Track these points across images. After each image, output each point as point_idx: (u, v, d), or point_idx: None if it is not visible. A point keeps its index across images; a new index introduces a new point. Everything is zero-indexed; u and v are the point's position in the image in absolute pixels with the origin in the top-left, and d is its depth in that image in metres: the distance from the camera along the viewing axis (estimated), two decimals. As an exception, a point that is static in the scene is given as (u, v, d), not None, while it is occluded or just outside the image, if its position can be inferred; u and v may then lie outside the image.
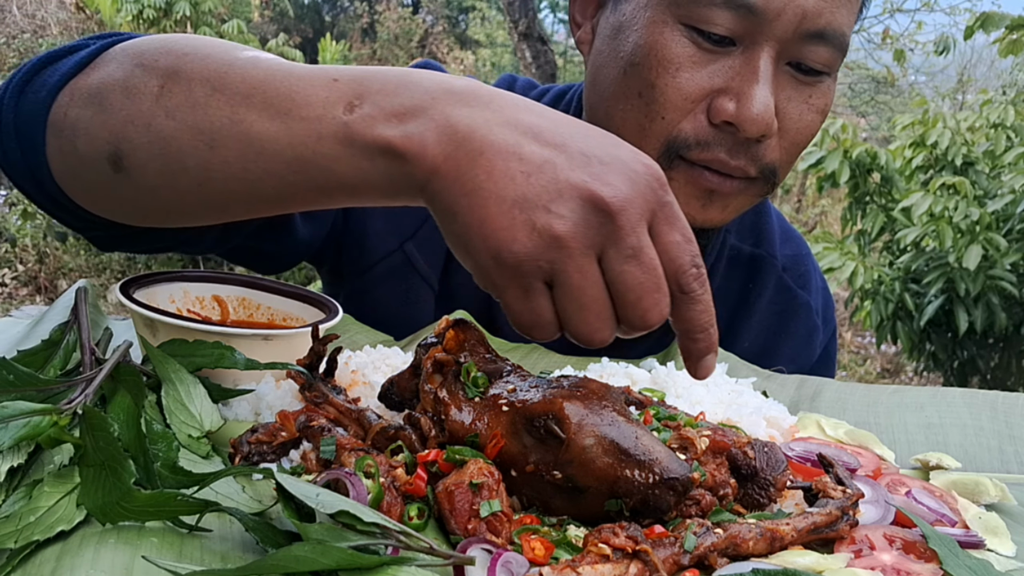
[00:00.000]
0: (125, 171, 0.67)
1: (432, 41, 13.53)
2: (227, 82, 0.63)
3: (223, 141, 0.62)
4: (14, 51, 9.48)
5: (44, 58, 0.75)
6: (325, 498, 0.50)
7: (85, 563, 0.47)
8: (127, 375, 0.62)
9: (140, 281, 0.83)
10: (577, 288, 0.55)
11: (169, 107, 0.64)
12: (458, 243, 0.57)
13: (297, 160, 0.60)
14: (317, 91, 0.61)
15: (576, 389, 0.61)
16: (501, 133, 0.55)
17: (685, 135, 0.90)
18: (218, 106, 0.63)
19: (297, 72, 0.63)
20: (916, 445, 0.81)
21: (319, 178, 0.61)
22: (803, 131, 0.92)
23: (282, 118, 0.61)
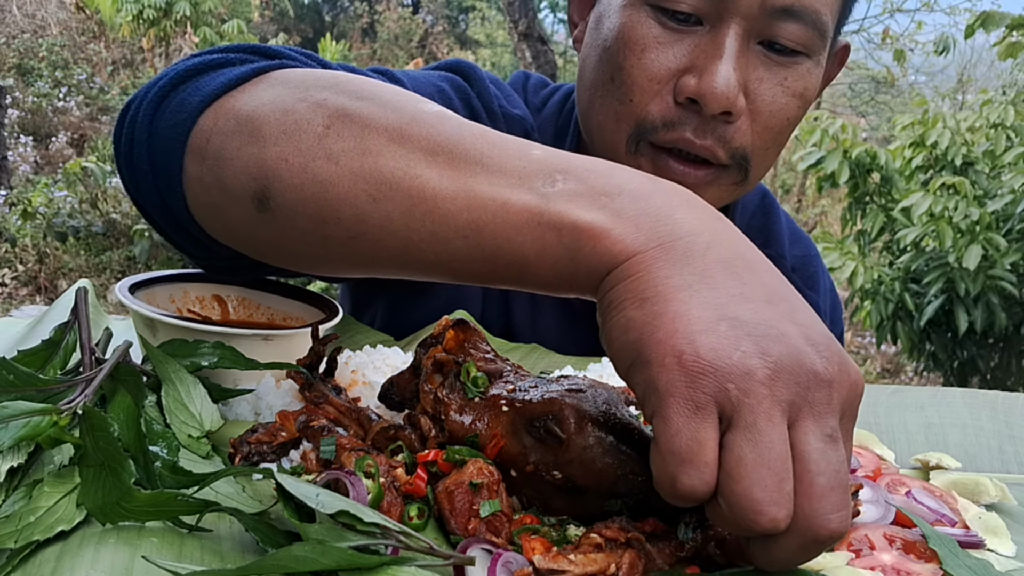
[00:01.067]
0: (271, 212, 0.61)
1: (432, 41, 13.54)
2: (408, 134, 0.57)
3: (389, 195, 0.56)
4: (14, 51, 9.49)
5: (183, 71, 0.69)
6: (325, 498, 0.50)
7: (85, 563, 0.47)
8: (127, 375, 0.62)
9: (140, 281, 0.84)
10: (766, 436, 0.43)
11: (333, 150, 0.58)
12: (630, 332, 0.48)
13: (471, 225, 0.54)
14: (512, 158, 0.55)
15: (576, 389, 0.61)
16: (720, 249, 0.48)
17: (652, 117, 0.89)
18: (392, 156, 0.57)
19: (491, 136, 0.57)
20: (916, 445, 0.81)
21: (490, 247, 0.54)
22: (776, 114, 0.89)
23: (466, 179, 0.54)
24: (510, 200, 0.53)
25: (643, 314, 0.47)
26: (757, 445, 0.43)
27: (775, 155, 0.95)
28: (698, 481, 0.44)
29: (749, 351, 0.44)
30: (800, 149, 4.94)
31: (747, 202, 1.17)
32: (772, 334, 0.45)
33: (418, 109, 0.60)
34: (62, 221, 7.16)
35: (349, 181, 0.57)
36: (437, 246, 0.56)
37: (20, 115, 9.39)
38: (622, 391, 0.70)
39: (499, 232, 0.53)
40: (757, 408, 0.43)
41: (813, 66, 0.91)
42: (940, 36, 6.52)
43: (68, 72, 10.09)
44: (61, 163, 8.49)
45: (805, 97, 0.91)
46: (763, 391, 0.44)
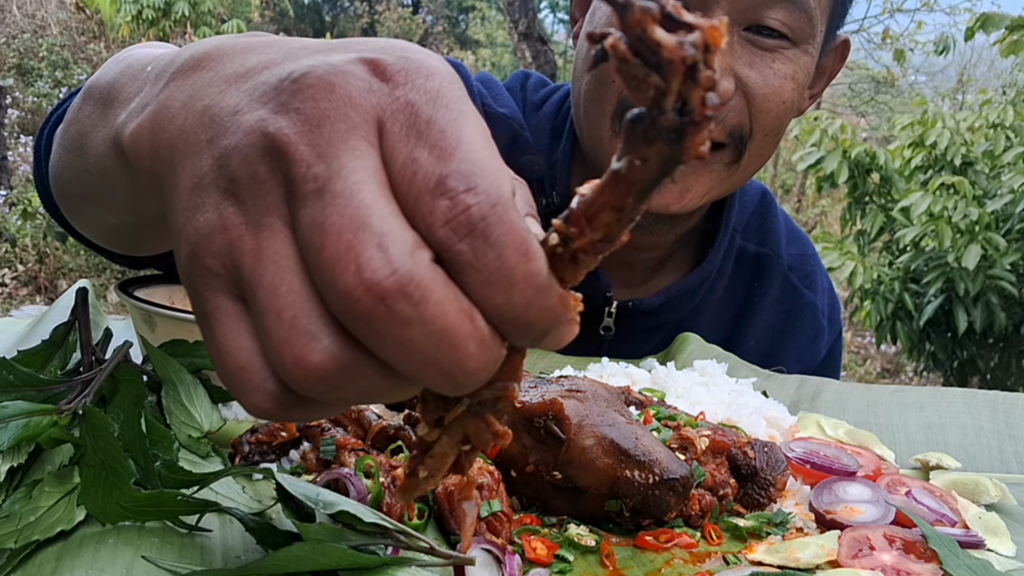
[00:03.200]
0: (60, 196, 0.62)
1: (432, 41, 13.54)
2: (95, 87, 0.54)
3: (78, 144, 0.54)
4: (14, 51, 9.48)
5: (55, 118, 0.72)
6: (325, 498, 0.50)
7: (85, 563, 0.47)
8: (127, 375, 0.62)
9: (140, 281, 0.83)
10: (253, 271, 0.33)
11: (62, 133, 0.58)
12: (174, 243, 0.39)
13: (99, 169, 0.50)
14: (136, 83, 0.48)
15: (576, 389, 0.61)
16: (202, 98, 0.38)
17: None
18: (85, 113, 0.54)
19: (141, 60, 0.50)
20: (916, 445, 0.81)
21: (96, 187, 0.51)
22: (771, 95, 0.92)
23: (103, 114, 0.50)
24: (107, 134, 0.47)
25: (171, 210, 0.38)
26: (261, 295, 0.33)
27: (772, 146, 0.96)
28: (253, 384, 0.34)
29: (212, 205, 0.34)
30: (800, 149, 4.94)
31: (746, 201, 1.18)
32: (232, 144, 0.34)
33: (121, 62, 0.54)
34: (62, 221, 7.15)
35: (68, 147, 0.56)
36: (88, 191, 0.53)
37: (20, 115, 9.39)
38: (622, 391, 0.70)
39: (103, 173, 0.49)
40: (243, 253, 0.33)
41: (801, 53, 0.92)
42: (940, 36, 6.52)
43: (68, 72, 10.10)
44: (61, 163, 8.47)
45: (797, 80, 0.93)
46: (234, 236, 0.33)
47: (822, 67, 1.03)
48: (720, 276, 1.13)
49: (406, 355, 0.31)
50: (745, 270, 1.16)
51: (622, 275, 1.10)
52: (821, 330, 1.20)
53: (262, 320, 0.33)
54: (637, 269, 1.12)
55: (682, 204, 0.95)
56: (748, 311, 1.16)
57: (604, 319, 1.08)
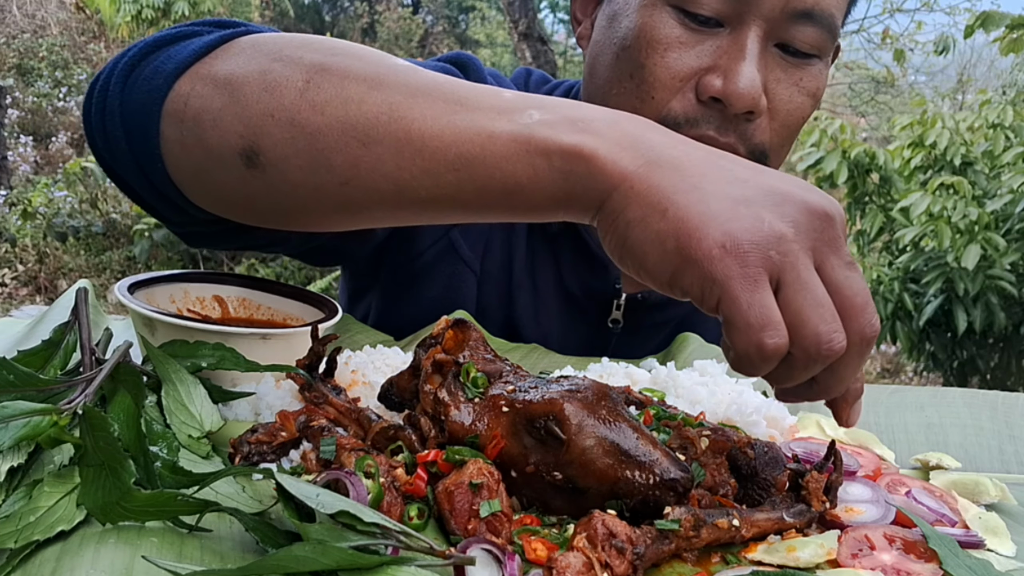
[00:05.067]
0: (261, 167, 0.63)
1: (432, 41, 13.54)
2: (386, 81, 0.61)
3: (378, 137, 0.59)
4: (14, 51, 9.48)
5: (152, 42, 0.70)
6: (325, 498, 0.50)
7: (85, 563, 0.47)
8: (127, 375, 0.62)
9: (140, 281, 0.83)
10: (811, 283, 0.52)
11: (317, 101, 0.61)
12: (663, 241, 0.53)
13: (461, 158, 0.58)
14: (487, 98, 0.59)
15: (576, 390, 0.61)
16: (695, 152, 0.56)
17: (675, 114, 0.91)
18: (375, 102, 0.60)
19: (463, 82, 0.61)
20: (916, 445, 0.81)
21: (482, 177, 0.58)
22: (793, 112, 0.92)
23: (449, 117, 0.58)
24: (495, 131, 0.57)
25: (670, 224, 0.53)
26: (808, 291, 0.51)
27: (786, 153, 0.97)
28: (779, 338, 0.51)
29: (772, 219, 0.52)
30: (799, 150, 4.94)
31: None
32: (778, 199, 0.53)
33: (391, 61, 0.64)
34: (62, 221, 7.16)
35: (338, 129, 0.60)
36: (428, 182, 0.59)
37: (20, 115, 9.38)
38: (622, 391, 0.70)
39: (489, 162, 0.57)
40: (797, 263, 0.52)
41: (824, 67, 0.94)
42: (940, 36, 6.52)
43: (68, 72, 10.09)
44: (61, 163, 8.49)
45: (817, 96, 0.94)
46: (795, 247, 0.52)
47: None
48: None
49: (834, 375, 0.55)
50: None
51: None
52: None
53: (800, 302, 0.51)
54: None
55: None
56: None
57: (612, 312, 1.08)
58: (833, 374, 0.55)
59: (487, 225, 1.06)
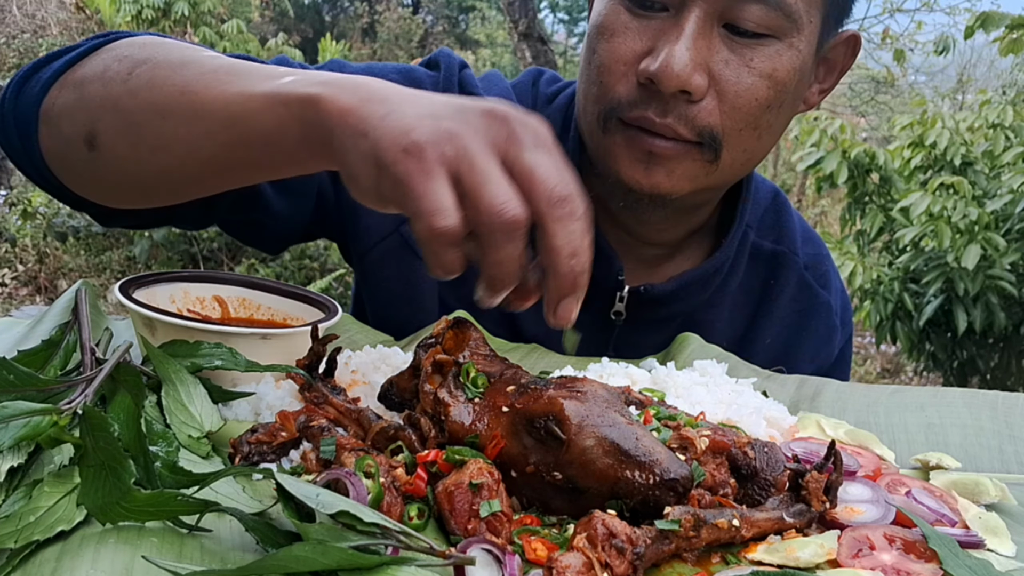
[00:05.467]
0: (98, 149, 0.77)
1: (432, 41, 13.54)
2: (187, 66, 0.74)
3: (173, 110, 0.73)
4: (14, 51, 9.48)
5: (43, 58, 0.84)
6: (325, 498, 0.50)
7: (85, 563, 0.47)
8: (127, 375, 0.62)
9: (140, 281, 0.83)
10: (486, 168, 0.58)
11: (134, 88, 0.75)
12: (366, 159, 0.60)
13: (230, 118, 0.70)
14: (260, 70, 0.72)
15: (576, 390, 0.61)
16: (407, 91, 0.64)
17: (619, 97, 0.93)
18: (174, 83, 0.73)
19: (251, 62, 0.75)
20: (916, 445, 0.81)
21: (245, 131, 0.69)
22: (743, 94, 0.91)
23: (223, 87, 0.71)
24: (254, 92, 0.69)
25: (370, 142, 0.60)
26: (482, 174, 0.57)
27: (753, 139, 0.96)
28: (449, 220, 0.57)
29: (450, 124, 0.59)
30: (799, 150, 4.94)
31: (759, 199, 1.19)
32: (460, 110, 0.60)
33: (198, 51, 0.78)
34: (62, 221, 7.15)
35: (146, 108, 0.74)
36: (210, 142, 0.72)
37: (20, 115, 9.36)
38: (622, 391, 0.70)
39: (248, 117, 0.69)
40: (470, 154, 0.58)
41: (784, 48, 0.92)
42: (940, 36, 6.52)
43: (68, 72, 10.06)
44: (61, 163, 8.46)
45: (775, 78, 0.92)
46: (469, 141, 0.58)
47: (831, 61, 1.02)
48: (734, 271, 1.13)
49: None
50: (761, 267, 1.17)
51: (632, 266, 1.11)
52: (835, 330, 1.20)
53: (472, 184, 0.57)
54: (647, 262, 1.12)
55: (671, 185, 0.95)
56: (764, 309, 1.16)
57: (615, 304, 1.09)
58: (543, 243, 0.59)
59: None
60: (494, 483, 0.56)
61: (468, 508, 0.55)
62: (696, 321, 1.12)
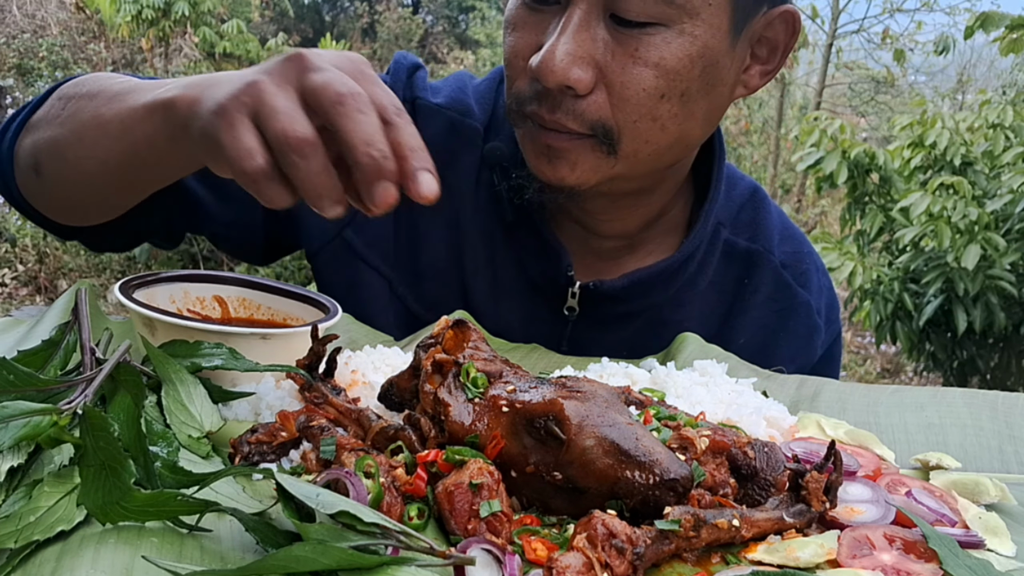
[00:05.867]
0: (41, 175, 0.92)
1: (432, 41, 13.54)
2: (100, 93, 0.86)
3: (86, 132, 0.85)
4: (14, 51, 9.48)
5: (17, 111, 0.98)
6: (325, 498, 0.50)
7: (85, 563, 0.47)
8: (127, 375, 0.62)
9: (140, 281, 0.83)
10: (279, 104, 0.64)
11: (62, 121, 0.89)
12: (203, 137, 0.69)
13: (122, 130, 0.81)
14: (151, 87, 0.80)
15: (576, 390, 0.61)
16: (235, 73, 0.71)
17: (519, 92, 0.94)
18: (88, 110, 0.86)
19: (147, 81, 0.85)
20: (916, 445, 0.81)
21: (134, 140, 0.80)
22: (629, 85, 0.89)
23: (119, 105, 0.82)
24: (136, 105, 0.79)
25: (202, 122, 0.68)
26: (271, 107, 0.63)
27: (655, 130, 0.93)
28: (256, 159, 0.63)
29: (250, 77, 0.66)
30: (799, 150, 4.94)
31: (735, 195, 1.17)
32: (265, 64, 0.68)
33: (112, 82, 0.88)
34: (62, 221, 7.14)
35: (69, 135, 0.87)
36: (113, 154, 0.83)
37: (20, 115, 9.36)
38: (622, 391, 0.70)
39: (133, 127, 0.80)
40: (265, 95, 0.64)
41: (673, 36, 0.89)
42: (940, 36, 6.53)
43: (68, 72, 10.08)
44: (61, 163, 8.46)
45: (663, 67, 0.90)
46: (264, 86, 0.65)
47: (771, 41, 0.99)
48: (703, 269, 1.12)
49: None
50: (735, 265, 1.15)
51: (588, 260, 1.11)
52: (816, 330, 1.18)
53: (268, 120, 0.64)
54: (602, 255, 1.12)
55: (576, 177, 0.95)
56: (738, 308, 1.15)
57: (568, 299, 1.08)
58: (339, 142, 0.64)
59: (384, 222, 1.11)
60: (494, 483, 0.56)
61: (468, 508, 0.55)
62: (662, 319, 1.11)
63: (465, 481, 0.56)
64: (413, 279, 1.12)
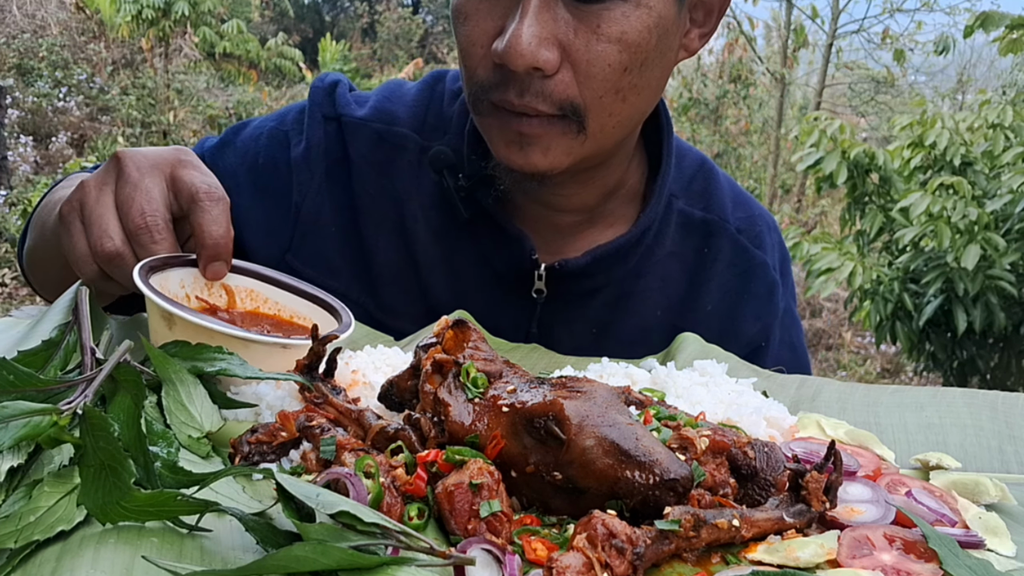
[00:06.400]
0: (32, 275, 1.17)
1: (432, 41, 13.55)
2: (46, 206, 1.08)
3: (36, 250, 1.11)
4: (14, 51, 9.48)
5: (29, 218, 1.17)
6: (325, 498, 0.50)
7: (85, 563, 0.47)
8: (127, 375, 0.62)
9: (158, 264, 0.83)
10: (89, 206, 0.84)
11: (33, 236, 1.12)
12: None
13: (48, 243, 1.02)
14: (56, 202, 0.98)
15: (576, 390, 0.61)
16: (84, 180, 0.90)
17: (482, 80, 0.93)
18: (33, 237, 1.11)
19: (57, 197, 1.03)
20: (916, 445, 0.81)
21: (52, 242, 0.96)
22: (595, 62, 0.90)
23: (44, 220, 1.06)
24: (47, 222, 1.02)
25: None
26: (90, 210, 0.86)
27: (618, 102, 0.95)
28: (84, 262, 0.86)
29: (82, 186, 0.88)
30: (799, 150, 4.94)
31: (684, 167, 1.19)
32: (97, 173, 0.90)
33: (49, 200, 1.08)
34: (62, 221, 7.13)
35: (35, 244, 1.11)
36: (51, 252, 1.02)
37: (20, 115, 9.38)
38: (622, 391, 0.70)
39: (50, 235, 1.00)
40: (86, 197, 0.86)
41: (631, 9, 0.90)
42: (940, 36, 6.53)
43: (68, 72, 10.09)
44: (61, 163, 8.49)
45: (626, 41, 0.90)
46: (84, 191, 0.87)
47: (707, 4, 1.01)
48: (660, 240, 1.14)
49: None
50: (693, 236, 1.17)
51: (550, 238, 1.12)
52: (775, 285, 1.21)
53: (90, 231, 0.84)
54: (564, 231, 1.13)
55: (548, 162, 0.95)
56: (701, 277, 1.17)
57: (535, 282, 1.09)
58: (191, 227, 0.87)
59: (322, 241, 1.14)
60: (494, 483, 0.56)
61: (468, 508, 0.55)
62: (626, 292, 1.13)
63: (465, 481, 0.56)
64: (369, 287, 1.14)
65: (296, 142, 1.14)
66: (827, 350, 7.56)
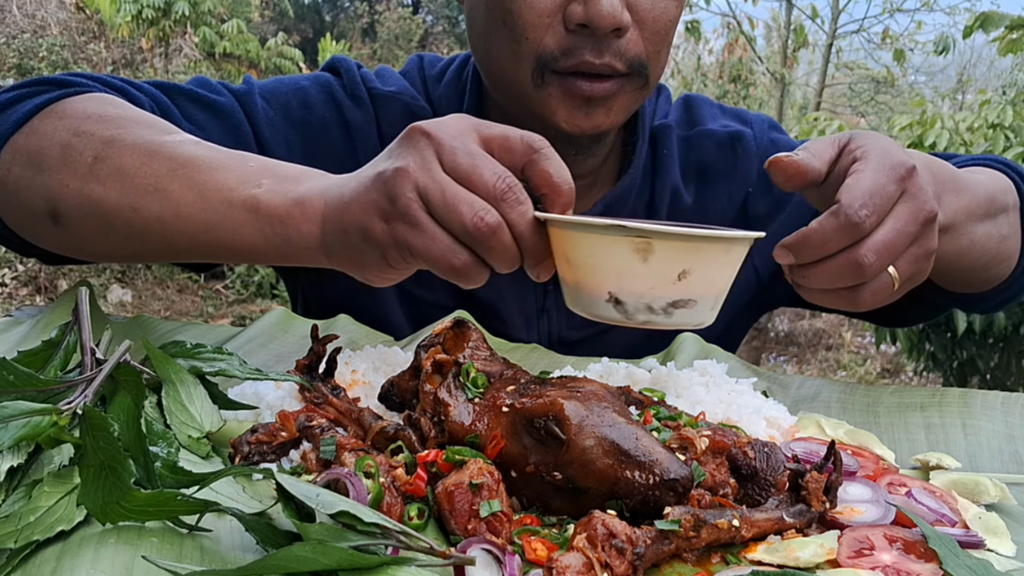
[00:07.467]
0: (63, 225, 0.81)
1: (432, 41, 13.55)
2: (156, 156, 0.77)
3: (146, 205, 0.77)
4: (14, 51, 9.48)
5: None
6: (325, 498, 0.50)
7: (85, 563, 0.47)
8: (127, 375, 0.62)
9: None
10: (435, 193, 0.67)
11: (100, 175, 0.78)
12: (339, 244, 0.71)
13: (208, 224, 0.75)
14: (234, 169, 0.76)
15: (576, 389, 0.61)
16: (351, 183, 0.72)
17: (550, 49, 0.95)
18: (145, 176, 0.77)
19: (218, 152, 0.78)
20: (916, 445, 0.81)
21: (227, 240, 0.75)
22: (659, 18, 0.96)
23: (198, 189, 0.75)
24: (232, 200, 0.74)
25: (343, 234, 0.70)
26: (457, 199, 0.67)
27: (666, 55, 1.02)
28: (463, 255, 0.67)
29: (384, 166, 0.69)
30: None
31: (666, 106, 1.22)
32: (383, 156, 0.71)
33: (164, 135, 0.80)
34: (62, 221, 7.14)
35: (116, 198, 0.77)
36: (188, 241, 0.76)
37: (20, 115, 9.35)
38: (622, 391, 0.70)
39: (228, 227, 0.74)
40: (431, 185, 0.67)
41: None
42: (940, 36, 6.53)
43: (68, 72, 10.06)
44: (61, 163, 8.46)
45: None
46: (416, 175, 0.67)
47: None
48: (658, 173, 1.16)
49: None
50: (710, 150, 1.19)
51: None
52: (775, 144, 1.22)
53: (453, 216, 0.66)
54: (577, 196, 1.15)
55: (611, 121, 1.00)
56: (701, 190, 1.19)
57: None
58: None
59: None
60: (494, 483, 0.56)
61: (468, 508, 0.55)
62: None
63: (465, 481, 0.56)
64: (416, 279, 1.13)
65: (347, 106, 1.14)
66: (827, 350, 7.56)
